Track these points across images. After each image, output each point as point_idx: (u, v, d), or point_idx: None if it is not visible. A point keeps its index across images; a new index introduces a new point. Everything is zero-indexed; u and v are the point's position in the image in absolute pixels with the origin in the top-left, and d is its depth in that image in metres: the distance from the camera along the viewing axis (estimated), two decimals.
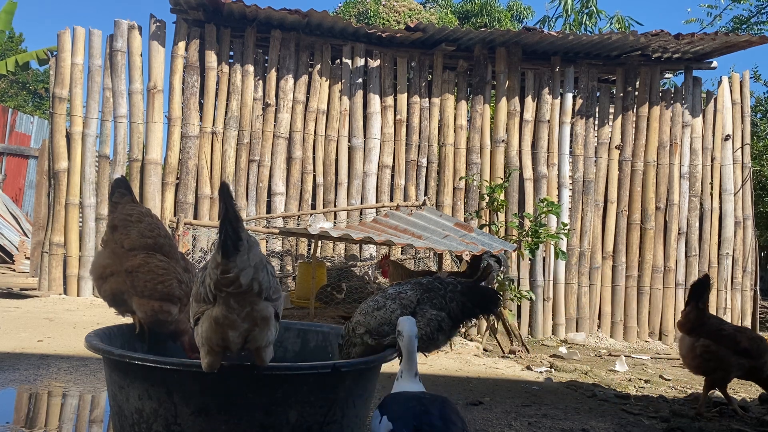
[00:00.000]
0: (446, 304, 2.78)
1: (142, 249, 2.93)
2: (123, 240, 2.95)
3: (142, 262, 2.88)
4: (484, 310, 2.88)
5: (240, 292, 2.00)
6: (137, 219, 3.00)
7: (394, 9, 13.26)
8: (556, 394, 4.63)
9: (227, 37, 8.28)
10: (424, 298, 2.79)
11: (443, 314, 2.76)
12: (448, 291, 2.81)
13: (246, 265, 1.97)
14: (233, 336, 2.05)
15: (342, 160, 8.46)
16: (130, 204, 3.08)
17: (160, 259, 2.92)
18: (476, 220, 8.17)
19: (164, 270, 2.89)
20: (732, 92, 9.40)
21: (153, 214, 3.15)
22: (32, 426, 3.10)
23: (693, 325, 4.28)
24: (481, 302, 2.85)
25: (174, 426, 2.23)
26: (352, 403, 2.43)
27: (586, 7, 18.36)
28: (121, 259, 2.91)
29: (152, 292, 2.84)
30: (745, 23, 16.59)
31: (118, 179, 3.23)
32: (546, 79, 8.92)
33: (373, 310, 2.77)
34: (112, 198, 3.12)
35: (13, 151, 14.57)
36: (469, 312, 2.83)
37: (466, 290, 2.84)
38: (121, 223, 2.99)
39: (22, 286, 8.06)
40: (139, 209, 3.07)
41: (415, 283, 2.88)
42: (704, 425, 4.04)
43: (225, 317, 2.02)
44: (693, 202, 9.23)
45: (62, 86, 7.88)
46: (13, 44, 22.37)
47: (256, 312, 2.05)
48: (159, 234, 3.02)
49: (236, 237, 1.93)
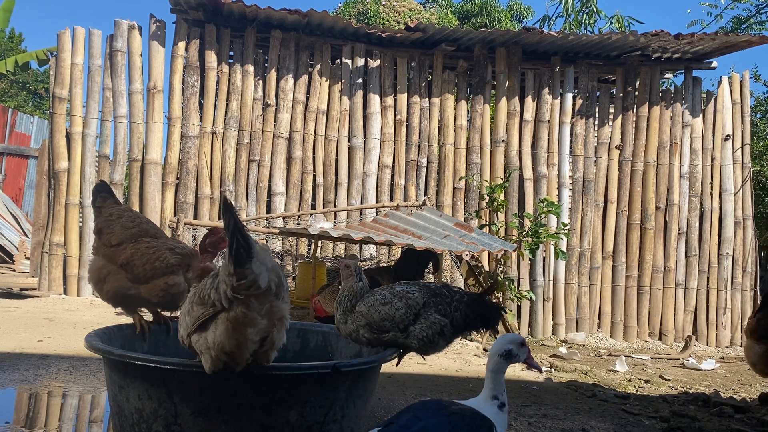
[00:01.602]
0: (450, 312, 2.81)
1: (128, 240, 3.00)
2: (110, 238, 3.02)
3: (132, 250, 2.95)
4: (485, 325, 2.93)
5: (260, 293, 2.05)
6: (117, 216, 3.09)
7: (394, 9, 13.26)
8: (556, 394, 4.63)
9: (227, 37, 8.28)
10: (430, 302, 2.81)
11: (446, 321, 2.79)
12: (454, 300, 2.84)
13: (261, 270, 2.03)
14: (252, 334, 2.07)
15: (342, 160, 8.46)
16: (111, 206, 3.17)
17: (146, 240, 2.99)
18: (476, 220, 8.17)
19: (154, 248, 2.95)
20: (732, 92, 9.40)
21: (131, 209, 3.29)
22: (32, 426, 3.10)
23: (765, 332, 4.29)
24: (484, 316, 2.89)
25: (174, 426, 2.23)
26: (352, 403, 2.43)
27: (586, 6, 18.36)
28: (113, 257, 2.96)
29: (153, 272, 2.89)
30: (745, 23, 16.58)
31: (97, 184, 3.32)
32: (546, 79, 8.91)
33: (379, 305, 2.78)
34: (95, 204, 3.21)
35: (13, 151, 14.57)
36: (471, 324, 2.87)
37: (472, 302, 2.87)
38: (105, 224, 3.08)
39: (22, 286, 8.06)
40: (119, 207, 3.17)
41: (423, 285, 2.91)
42: (704, 425, 4.04)
43: (245, 315, 2.06)
44: (693, 202, 9.22)
45: (62, 86, 7.88)
46: (13, 44, 22.37)
47: (274, 308, 2.10)
48: (141, 221, 3.12)
49: (247, 245, 2.00)
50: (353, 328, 2.78)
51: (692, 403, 4.84)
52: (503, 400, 2.06)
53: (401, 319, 2.74)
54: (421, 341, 2.74)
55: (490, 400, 2.06)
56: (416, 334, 2.74)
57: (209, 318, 2.10)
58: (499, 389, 2.08)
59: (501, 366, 2.10)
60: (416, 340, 2.75)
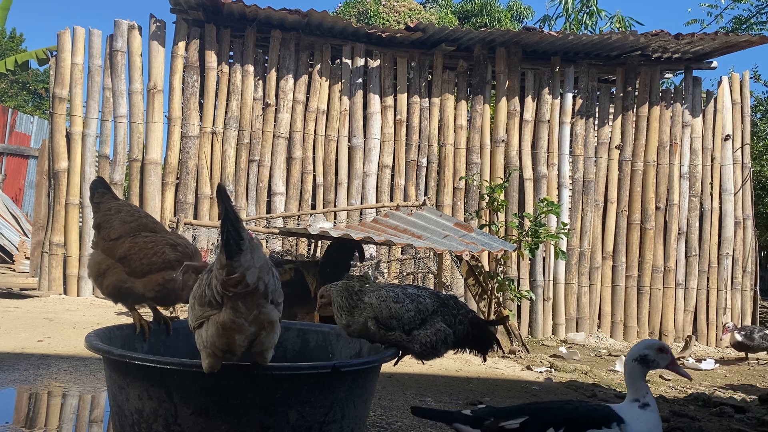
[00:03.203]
0: (455, 324, 2.87)
1: (127, 234, 2.97)
2: (109, 233, 3.00)
3: (130, 244, 2.92)
4: (478, 347, 2.97)
5: (247, 292, 2.00)
6: (116, 210, 3.06)
7: (394, 9, 13.26)
8: (556, 394, 4.63)
9: (227, 37, 8.28)
10: (438, 310, 2.84)
11: (450, 331, 2.84)
12: (459, 313, 2.89)
13: (251, 264, 1.98)
14: (240, 340, 2.05)
15: (342, 160, 8.46)
16: (110, 201, 3.14)
17: (145, 235, 2.97)
18: (476, 220, 8.17)
19: (152, 242, 2.92)
20: (732, 92, 9.40)
21: (131, 204, 3.26)
22: (32, 426, 3.10)
23: None
24: (482, 340, 2.96)
25: (174, 426, 2.23)
26: (352, 403, 2.43)
27: (586, 6, 18.37)
28: (112, 251, 2.95)
29: (150, 266, 2.87)
30: (745, 23, 16.58)
31: (94, 180, 3.29)
32: (546, 79, 8.92)
33: (392, 302, 2.78)
34: (93, 199, 3.18)
35: (13, 151, 14.57)
36: (468, 341, 2.93)
37: (475, 322, 2.92)
38: (103, 219, 3.05)
39: (22, 286, 8.06)
40: (117, 202, 3.15)
41: (433, 293, 2.94)
42: (704, 425, 4.04)
43: (233, 321, 2.02)
44: (693, 202, 9.23)
45: (62, 86, 7.88)
46: (13, 44, 22.38)
47: (263, 315, 2.06)
48: (140, 216, 3.08)
49: (238, 236, 1.95)
50: (362, 320, 2.78)
51: (692, 403, 4.84)
52: (646, 401, 2.16)
53: (409, 320, 2.76)
54: (424, 346, 2.77)
55: (631, 402, 2.17)
56: (420, 339, 2.77)
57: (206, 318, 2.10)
58: (639, 392, 2.17)
59: (636, 371, 2.20)
60: (419, 344, 2.77)
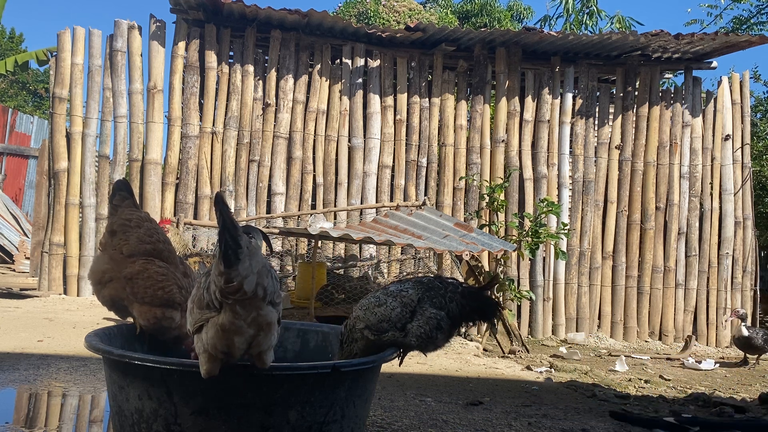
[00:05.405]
0: (446, 304, 2.79)
1: (141, 255, 2.90)
2: (122, 246, 2.93)
3: (141, 268, 2.86)
4: (482, 317, 2.90)
5: (246, 298, 2.01)
6: (136, 224, 2.97)
7: (394, 9, 13.26)
8: (556, 394, 4.63)
9: (227, 37, 8.28)
10: (424, 297, 2.80)
11: (442, 313, 2.77)
12: (448, 291, 2.81)
13: (249, 272, 1.98)
14: (239, 342, 2.06)
15: (342, 160, 8.46)
16: (130, 208, 3.04)
17: (159, 264, 2.90)
18: (476, 220, 8.17)
19: (164, 276, 2.86)
20: (732, 92, 9.41)
21: (152, 218, 3.11)
22: (32, 426, 3.10)
23: None
24: (481, 308, 2.87)
25: (174, 426, 2.23)
26: (352, 403, 2.43)
27: (586, 6, 18.38)
28: (119, 265, 2.89)
29: (153, 298, 2.83)
30: (745, 23, 16.58)
31: (119, 181, 3.18)
32: (546, 79, 8.92)
33: (374, 307, 2.77)
34: (112, 201, 3.08)
35: (13, 151, 14.57)
36: (468, 315, 2.84)
37: (468, 293, 2.85)
38: (120, 228, 2.95)
39: (22, 286, 8.06)
40: (139, 214, 3.04)
41: (416, 281, 2.89)
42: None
43: (231, 323, 2.03)
44: (693, 202, 9.23)
45: (62, 86, 7.88)
46: (13, 44, 22.39)
47: (261, 317, 2.07)
48: (158, 239, 2.98)
49: (236, 245, 1.94)
50: (359, 336, 2.78)
51: (692, 403, 4.84)
52: None
53: (398, 318, 2.73)
54: (419, 338, 2.73)
55: None
56: (414, 331, 2.73)
57: (205, 321, 2.11)
58: None
59: None
60: (414, 337, 2.73)
